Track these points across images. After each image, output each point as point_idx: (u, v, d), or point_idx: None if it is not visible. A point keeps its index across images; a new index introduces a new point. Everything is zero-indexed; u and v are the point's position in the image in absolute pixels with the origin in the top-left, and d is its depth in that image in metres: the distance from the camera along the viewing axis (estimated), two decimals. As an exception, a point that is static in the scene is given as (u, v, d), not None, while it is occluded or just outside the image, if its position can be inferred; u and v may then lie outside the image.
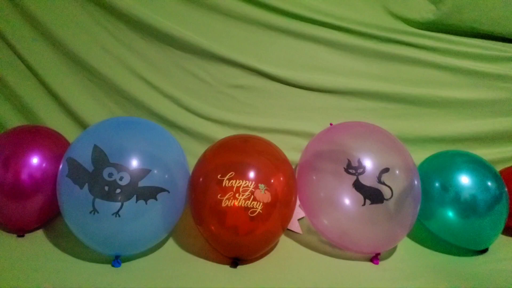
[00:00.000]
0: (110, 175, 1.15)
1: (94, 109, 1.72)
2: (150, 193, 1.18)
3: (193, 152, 1.50)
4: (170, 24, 1.68)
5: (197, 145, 1.69)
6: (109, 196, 1.14)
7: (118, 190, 1.15)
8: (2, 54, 1.68)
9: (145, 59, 1.73)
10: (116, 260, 1.23)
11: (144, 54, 1.72)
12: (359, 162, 1.28)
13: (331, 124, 1.51)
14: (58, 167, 1.25)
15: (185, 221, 1.40)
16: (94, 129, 1.29)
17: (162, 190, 1.20)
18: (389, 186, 1.27)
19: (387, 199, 1.26)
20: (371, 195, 1.26)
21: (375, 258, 1.36)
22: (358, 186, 1.27)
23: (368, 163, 1.29)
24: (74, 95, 1.72)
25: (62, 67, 1.71)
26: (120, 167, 1.16)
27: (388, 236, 1.32)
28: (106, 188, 1.14)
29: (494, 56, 1.73)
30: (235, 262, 1.28)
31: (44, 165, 1.34)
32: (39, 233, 1.41)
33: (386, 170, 1.28)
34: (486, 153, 1.74)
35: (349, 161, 1.29)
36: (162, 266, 1.27)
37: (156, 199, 1.19)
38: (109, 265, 1.23)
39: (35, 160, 1.34)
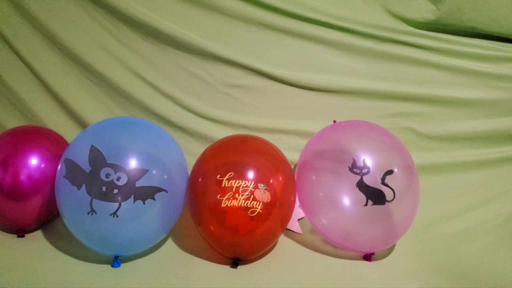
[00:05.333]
0: (108, 175, 1.15)
1: (94, 109, 1.72)
2: (147, 193, 1.18)
3: (193, 152, 1.51)
4: (170, 24, 1.68)
5: (197, 145, 1.69)
6: (106, 197, 1.14)
7: (115, 191, 1.15)
8: (2, 54, 1.68)
9: (145, 59, 1.72)
10: (116, 261, 1.23)
11: (144, 54, 1.72)
12: (364, 162, 1.28)
13: (334, 121, 1.51)
14: (57, 167, 1.25)
15: (184, 221, 1.40)
16: (92, 129, 1.29)
17: (160, 190, 1.20)
18: (391, 188, 1.27)
19: (389, 201, 1.27)
20: (374, 195, 1.27)
21: (368, 256, 1.36)
22: (361, 186, 1.27)
23: (370, 163, 1.29)
24: (74, 95, 1.72)
25: (62, 67, 1.71)
26: (117, 168, 1.16)
27: (386, 235, 1.32)
28: (104, 188, 1.14)
29: (494, 56, 1.73)
30: (235, 262, 1.28)
31: (43, 165, 1.35)
32: (39, 233, 1.42)
33: (390, 172, 1.28)
34: (486, 153, 1.75)
35: (354, 160, 1.29)
36: (161, 267, 1.27)
37: (154, 199, 1.19)
38: (109, 266, 1.23)
39: (34, 161, 1.34)
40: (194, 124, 1.74)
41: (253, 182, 1.21)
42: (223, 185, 1.20)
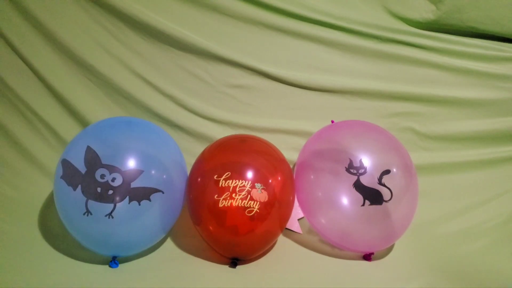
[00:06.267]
0: (103, 176, 1.15)
1: (94, 109, 1.73)
2: (143, 194, 1.18)
3: (193, 152, 1.51)
4: (170, 24, 1.68)
5: (197, 145, 1.69)
6: (101, 198, 1.14)
7: (110, 192, 1.15)
8: (2, 53, 1.68)
9: (145, 59, 1.72)
10: (113, 261, 1.23)
11: (144, 54, 1.72)
12: (361, 162, 1.28)
13: (332, 122, 1.52)
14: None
15: (183, 220, 1.40)
16: (90, 129, 1.29)
17: (156, 190, 1.20)
18: (389, 188, 1.27)
19: (386, 201, 1.26)
20: (371, 196, 1.26)
21: (368, 256, 1.37)
22: (358, 186, 1.27)
23: (368, 163, 1.29)
24: (75, 95, 1.72)
25: (63, 67, 1.71)
26: (112, 168, 1.16)
27: (385, 235, 1.32)
28: (99, 189, 1.14)
29: (494, 56, 1.72)
30: (234, 262, 1.28)
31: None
32: (38, 233, 1.42)
33: (387, 172, 1.28)
34: (486, 153, 1.75)
35: (351, 160, 1.29)
36: (160, 267, 1.27)
37: (150, 200, 1.19)
38: (107, 266, 1.24)
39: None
40: (194, 124, 1.74)
41: (250, 182, 1.21)
42: (220, 185, 1.20)
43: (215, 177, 1.22)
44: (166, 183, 1.24)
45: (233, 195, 1.19)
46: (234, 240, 1.23)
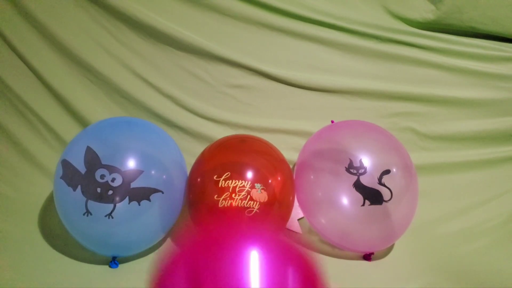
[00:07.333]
0: (102, 176, 1.15)
1: (94, 109, 1.72)
2: (143, 194, 1.17)
3: (193, 152, 1.50)
4: (170, 24, 1.68)
5: (197, 145, 1.69)
6: (101, 198, 1.14)
7: (110, 192, 1.14)
8: (2, 53, 1.68)
9: (145, 59, 1.72)
10: (113, 261, 1.23)
11: (144, 54, 1.72)
12: (361, 162, 1.28)
13: (332, 122, 1.51)
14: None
15: (183, 221, 1.40)
16: (90, 130, 1.29)
17: (156, 191, 1.20)
18: (389, 188, 1.27)
19: (386, 201, 1.26)
20: (371, 196, 1.26)
21: (368, 256, 1.36)
22: (358, 186, 1.27)
23: (368, 163, 1.29)
24: (75, 95, 1.72)
25: (63, 67, 1.71)
26: (112, 169, 1.15)
27: (385, 235, 1.32)
28: (99, 190, 1.14)
29: (494, 56, 1.73)
30: (233, 262, 1.28)
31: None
32: (38, 233, 1.42)
33: (387, 171, 1.28)
34: (485, 152, 1.75)
35: (351, 160, 1.28)
36: (160, 267, 1.27)
37: (150, 200, 1.18)
38: (107, 266, 1.23)
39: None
40: (194, 124, 1.74)
41: (249, 182, 1.21)
42: (220, 185, 1.20)
43: (214, 177, 1.22)
44: (166, 183, 1.23)
45: (233, 195, 1.19)
46: (234, 240, 1.23)
